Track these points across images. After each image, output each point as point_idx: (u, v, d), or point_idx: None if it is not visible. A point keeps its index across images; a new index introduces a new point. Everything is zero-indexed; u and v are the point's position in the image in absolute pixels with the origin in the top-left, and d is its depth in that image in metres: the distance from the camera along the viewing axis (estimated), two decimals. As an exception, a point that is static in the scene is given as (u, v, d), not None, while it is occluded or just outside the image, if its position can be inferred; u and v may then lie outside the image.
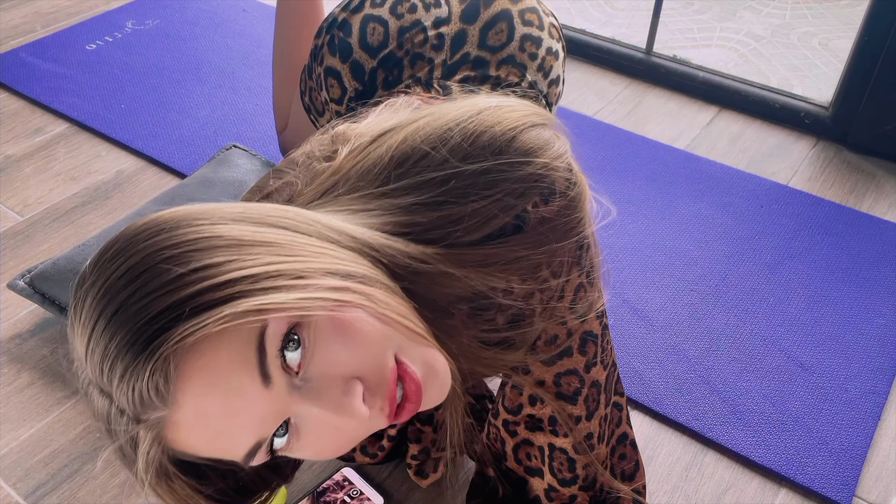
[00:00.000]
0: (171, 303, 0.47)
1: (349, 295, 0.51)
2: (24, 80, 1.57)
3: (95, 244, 1.08)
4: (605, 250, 1.19)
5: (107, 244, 0.52)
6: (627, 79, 1.61)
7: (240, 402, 0.49)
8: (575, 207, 0.61)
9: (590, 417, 0.71)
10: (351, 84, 0.98)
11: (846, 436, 0.94)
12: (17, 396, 0.99)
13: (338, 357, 0.51)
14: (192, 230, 0.51)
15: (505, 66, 0.96)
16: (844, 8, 1.95)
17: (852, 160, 1.39)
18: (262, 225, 0.53)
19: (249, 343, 0.48)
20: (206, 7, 1.82)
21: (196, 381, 0.48)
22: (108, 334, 0.48)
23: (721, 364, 1.03)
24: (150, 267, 0.48)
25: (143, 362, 0.46)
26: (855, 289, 1.13)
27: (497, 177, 0.57)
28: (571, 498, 0.76)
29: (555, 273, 0.62)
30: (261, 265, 0.49)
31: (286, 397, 0.50)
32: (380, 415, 0.53)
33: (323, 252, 0.53)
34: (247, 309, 0.47)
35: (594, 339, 0.68)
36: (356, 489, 0.88)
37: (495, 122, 0.59)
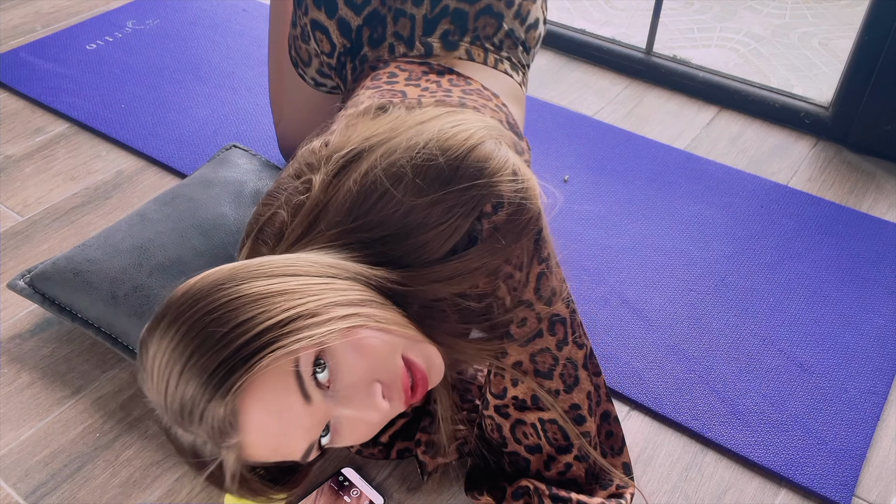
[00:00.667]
0: (224, 357, 0.61)
1: (355, 319, 0.65)
2: (25, 80, 1.57)
3: (95, 244, 1.08)
4: (605, 250, 1.19)
5: (158, 315, 0.65)
6: (627, 79, 1.61)
7: (291, 420, 0.63)
8: (524, 208, 0.70)
9: (569, 390, 0.78)
10: (339, 40, 1.03)
11: (845, 436, 0.94)
12: (17, 396, 0.99)
13: (357, 368, 0.65)
14: (223, 294, 0.63)
15: (483, 16, 1.01)
16: (844, 8, 1.95)
17: (852, 160, 1.39)
18: (275, 276, 0.66)
19: (288, 375, 0.62)
20: (206, 7, 1.82)
21: (255, 411, 0.62)
22: (182, 388, 0.62)
23: (720, 364, 1.03)
24: (198, 332, 0.62)
25: (215, 405, 0.61)
26: (855, 289, 1.13)
27: (448, 205, 0.69)
28: (567, 466, 0.80)
29: (517, 266, 0.72)
30: (282, 312, 0.62)
31: (324, 407, 0.65)
32: (398, 403, 0.68)
33: (328, 288, 0.66)
34: (282, 354, 0.61)
35: (562, 321, 0.76)
36: (356, 489, 0.88)
37: (441, 152, 0.69)
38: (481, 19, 1.00)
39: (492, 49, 1.01)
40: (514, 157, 0.72)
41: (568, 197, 1.29)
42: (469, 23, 1.00)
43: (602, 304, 1.11)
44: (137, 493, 0.90)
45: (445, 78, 0.94)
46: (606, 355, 1.04)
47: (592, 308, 1.10)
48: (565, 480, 0.81)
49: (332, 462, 0.92)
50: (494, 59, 1.00)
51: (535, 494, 0.79)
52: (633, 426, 0.97)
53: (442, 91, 0.90)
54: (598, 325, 1.08)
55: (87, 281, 1.03)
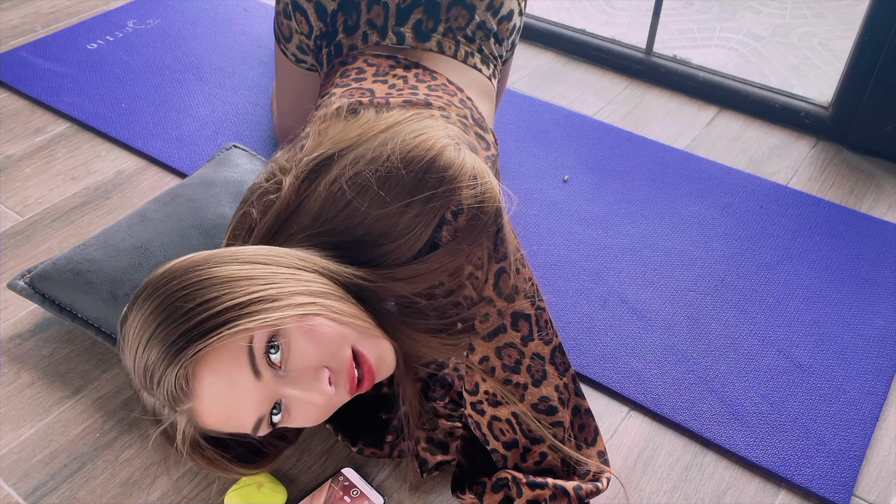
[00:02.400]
0: (184, 329, 0.67)
1: (311, 308, 0.70)
2: (25, 80, 1.57)
3: (95, 244, 1.08)
4: (605, 250, 1.19)
5: (138, 290, 0.72)
6: (627, 79, 1.61)
7: (240, 392, 0.69)
8: (482, 211, 0.74)
9: (537, 384, 0.80)
10: (316, 24, 1.06)
11: (844, 436, 0.95)
12: (17, 396, 1.00)
13: (307, 353, 0.71)
14: (196, 274, 0.70)
15: (455, 7, 1.03)
16: (844, 8, 1.95)
17: (852, 160, 1.39)
18: (246, 263, 0.72)
19: (242, 350, 0.69)
20: (206, 7, 1.82)
21: (207, 380, 0.68)
22: (147, 353, 0.69)
23: (719, 364, 1.03)
24: (168, 305, 0.69)
25: (171, 372, 0.67)
26: (854, 289, 1.13)
27: (410, 215, 0.74)
28: (542, 455, 0.81)
29: (477, 265, 0.76)
30: (244, 294, 0.69)
31: (274, 385, 0.70)
32: (343, 391, 0.73)
33: (292, 278, 0.72)
34: (237, 330, 0.67)
35: (526, 317, 0.79)
36: (356, 489, 0.88)
37: (405, 165, 0.74)
38: (453, 10, 1.02)
39: (463, 41, 1.03)
40: (474, 161, 0.76)
41: (568, 197, 1.29)
42: (441, 13, 1.02)
43: (601, 304, 1.11)
44: (137, 493, 0.90)
45: (412, 73, 0.97)
46: (605, 355, 1.04)
47: (592, 308, 1.10)
48: (541, 470, 0.82)
49: (333, 462, 0.92)
50: (465, 51, 1.03)
51: (513, 484, 0.80)
52: (632, 426, 0.97)
53: (409, 88, 0.93)
54: (597, 325, 1.08)
55: (87, 281, 1.03)
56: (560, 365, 0.82)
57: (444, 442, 0.90)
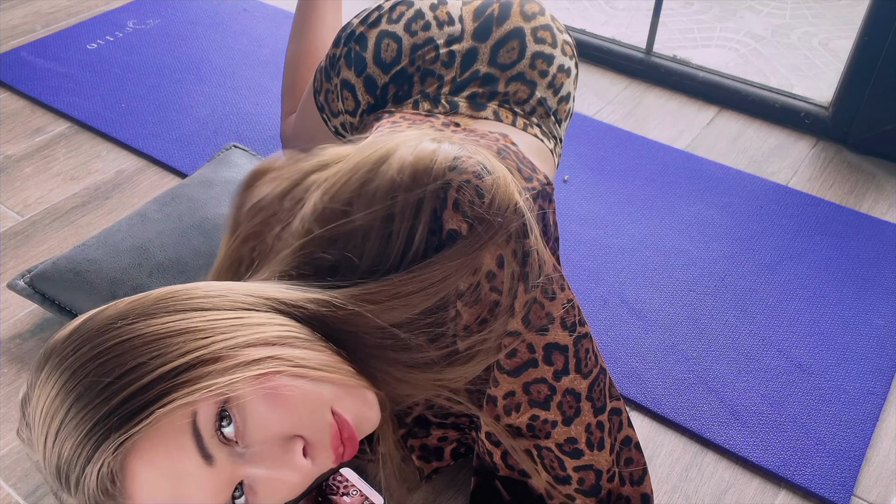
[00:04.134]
0: (102, 413, 0.52)
1: (268, 364, 0.56)
2: (25, 80, 1.57)
3: (95, 244, 1.08)
4: (605, 250, 1.19)
5: (37, 363, 0.57)
6: (627, 79, 1.61)
7: (189, 484, 0.54)
8: (494, 206, 0.62)
9: (567, 423, 0.71)
10: (364, 97, 1.00)
11: (844, 436, 0.95)
12: (17, 396, 0.99)
13: (270, 422, 0.56)
14: (113, 335, 0.55)
15: (514, 82, 0.97)
16: (844, 8, 1.95)
17: (852, 160, 1.39)
18: (178, 312, 0.57)
19: (184, 431, 0.54)
20: (206, 6, 1.83)
21: (142, 477, 0.53)
22: (57, 449, 0.53)
23: (719, 364, 1.03)
24: (79, 382, 0.53)
25: (89, 473, 0.52)
26: (854, 289, 1.13)
27: (394, 210, 0.62)
28: (569, 497, 0.76)
29: (495, 289, 0.64)
30: (179, 356, 0.54)
31: (231, 467, 0.56)
32: (326, 461, 0.59)
33: (240, 324, 0.58)
34: (174, 407, 0.52)
35: (562, 349, 0.68)
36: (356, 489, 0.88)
37: (393, 169, 0.63)
38: (513, 84, 0.96)
39: (521, 114, 0.97)
40: (484, 156, 0.66)
41: (568, 197, 1.29)
42: (499, 87, 0.96)
43: (601, 304, 1.11)
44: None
45: (449, 129, 0.90)
46: (605, 355, 1.04)
47: (592, 308, 1.10)
48: None
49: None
50: (524, 122, 0.96)
51: None
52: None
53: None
54: (597, 325, 1.08)
55: (87, 281, 1.03)
56: (598, 400, 0.72)
57: (438, 447, 0.88)
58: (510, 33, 0.97)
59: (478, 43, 0.98)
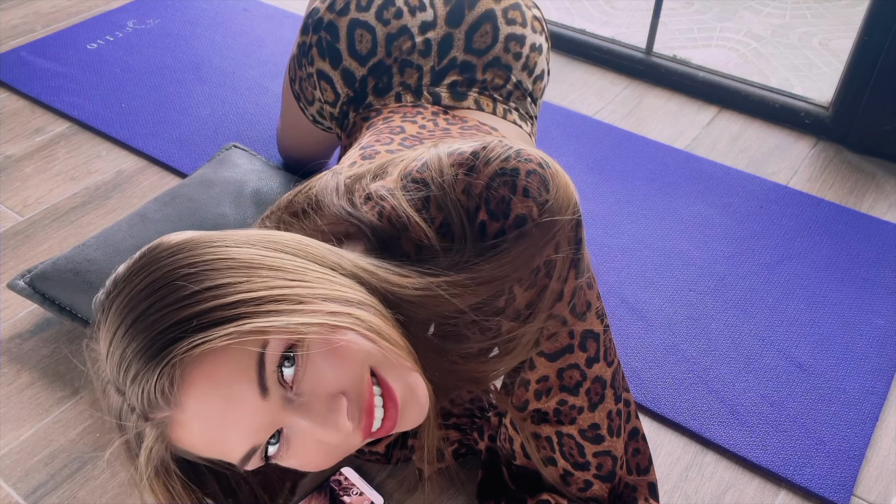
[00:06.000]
0: (182, 316, 0.53)
1: (342, 318, 0.57)
2: (25, 80, 1.57)
3: (95, 244, 1.08)
4: (605, 250, 1.19)
5: (134, 259, 0.58)
6: (627, 79, 1.61)
7: (239, 411, 0.55)
8: (558, 202, 0.63)
9: (592, 409, 0.73)
10: (343, 90, 1.01)
11: (844, 436, 0.95)
12: (17, 396, 1.00)
13: (326, 375, 0.57)
14: (209, 251, 0.56)
15: (491, 68, 0.99)
16: (844, 8, 1.95)
17: (852, 160, 1.39)
18: (272, 249, 0.59)
19: (251, 358, 0.54)
20: (206, 7, 1.83)
21: (200, 388, 0.54)
22: (127, 340, 0.54)
23: (719, 364, 1.03)
24: (167, 283, 0.54)
25: (152, 367, 0.53)
26: (854, 289, 1.13)
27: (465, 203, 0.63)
28: (587, 483, 0.76)
29: (558, 277, 0.65)
30: (266, 288, 0.55)
31: (280, 409, 0.56)
32: (357, 430, 0.58)
33: (323, 278, 0.59)
34: (250, 329, 0.53)
35: (595, 337, 0.70)
36: (356, 489, 0.88)
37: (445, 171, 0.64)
38: (489, 71, 0.99)
39: (500, 99, 0.99)
40: (541, 153, 0.66)
41: (568, 197, 1.29)
42: (477, 74, 0.98)
43: (602, 305, 1.11)
44: (137, 493, 0.90)
45: (440, 118, 0.92)
46: (606, 355, 1.04)
47: (592, 308, 1.10)
48: (586, 498, 0.78)
49: (332, 462, 0.92)
50: (503, 109, 0.99)
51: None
52: (632, 426, 0.97)
53: (440, 130, 0.89)
54: (597, 325, 1.08)
55: (87, 281, 1.03)
56: (618, 388, 0.74)
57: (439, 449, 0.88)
58: (482, 16, 0.98)
59: (452, 29, 0.98)
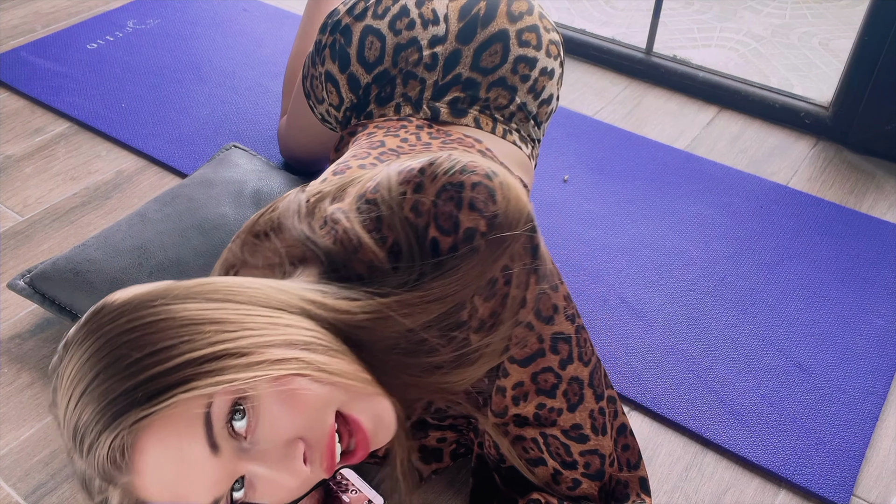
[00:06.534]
0: (127, 387, 0.54)
1: (291, 365, 0.58)
2: (25, 80, 1.57)
3: (95, 244, 1.08)
4: (605, 250, 1.19)
5: (80, 323, 0.59)
6: (627, 79, 1.61)
7: (193, 469, 0.56)
8: (508, 214, 0.64)
9: (572, 409, 0.73)
10: (347, 95, 1.01)
11: (844, 436, 0.95)
12: (17, 396, 1.00)
13: (280, 422, 0.58)
14: (150, 311, 0.57)
15: (495, 88, 0.98)
16: (844, 8, 1.95)
17: (852, 160, 1.39)
18: (213, 301, 0.59)
19: (197, 420, 0.56)
20: (206, 6, 1.83)
21: (151, 454, 0.55)
22: (78, 412, 0.56)
23: (719, 364, 1.03)
24: (110, 352, 0.56)
25: (103, 439, 0.55)
26: (854, 289, 1.13)
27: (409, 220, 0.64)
28: (575, 481, 0.77)
29: (516, 285, 0.66)
30: (208, 345, 0.56)
31: (235, 460, 0.57)
32: (318, 469, 0.60)
33: (268, 323, 0.60)
34: (195, 395, 0.55)
35: (566, 339, 0.71)
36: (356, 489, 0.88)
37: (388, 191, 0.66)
38: (494, 90, 0.98)
39: (501, 119, 0.98)
40: (490, 163, 0.67)
41: (568, 197, 1.29)
42: (480, 92, 0.97)
43: (601, 304, 1.11)
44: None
45: (424, 131, 0.92)
46: (605, 355, 1.04)
47: (592, 308, 1.10)
48: (576, 497, 0.78)
49: (332, 462, 0.92)
50: (503, 129, 0.98)
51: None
52: (632, 426, 0.97)
53: (422, 144, 0.88)
54: (597, 325, 1.08)
55: (87, 281, 1.03)
56: (598, 387, 0.74)
57: (437, 449, 0.88)
58: (494, 36, 0.97)
59: (461, 45, 0.98)
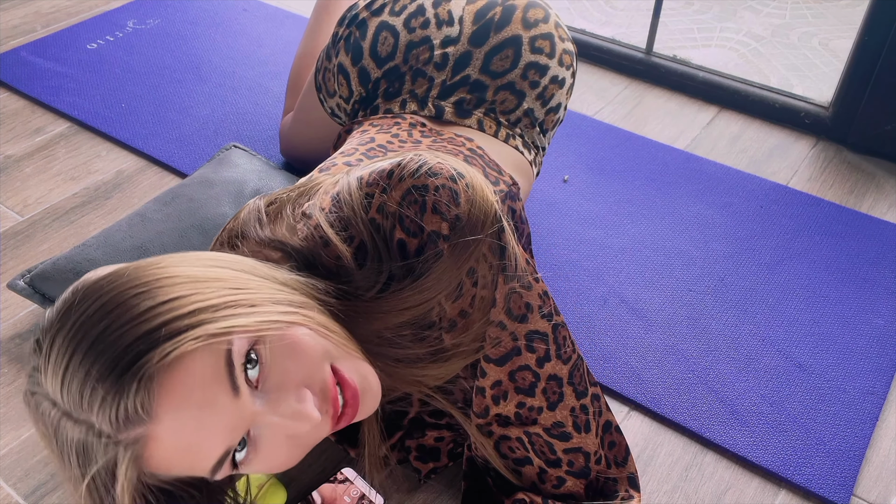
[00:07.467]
0: (146, 330, 0.53)
1: (295, 317, 0.60)
2: (25, 80, 1.57)
3: (95, 244, 1.08)
4: (605, 250, 1.19)
5: (65, 297, 0.58)
6: (627, 79, 1.61)
7: (213, 412, 0.56)
8: (473, 216, 0.65)
9: (552, 408, 0.74)
10: (357, 88, 1.01)
11: (844, 436, 0.95)
12: (17, 396, 1.00)
13: (289, 370, 0.60)
14: (152, 272, 0.57)
15: (503, 91, 0.98)
16: (844, 8, 1.95)
17: (852, 160, 1.39)
18: (210, 266, 0.61)
19: (219, 360, 0.56)
20: (206, 6, 1.83)
21: (175, 396, 0.54)
22: (87, 365, 0.53)
23: (719, 364, 1.03)
24: (120, 303, 0.54)
25: (126, 384, 0.52)
26: (854, 289, 1.13)
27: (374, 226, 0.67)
28: (559, 480, 0.77)
29: (482, 285, 0.67)
30: (218, 297, 0.57)
31: (251, 406, 0.58)
32: (325, 418, 0.62)
33: (266, 286, 0.62)
34: (216, 331, 0.55)
35: (543, 337, 0.71)
36: (356, 489, 0.88)
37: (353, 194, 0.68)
38: (501, 94, 0.98)
39: (505, 124, 0.98)
40: (455, 162, 0.68)
41: (568, 197, 1.29)
42: (487, 94, 0.97)
43: (601, 304, 1.11)
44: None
45: (416, 129, 0.92)
46: (605, 355, 1.04)
47: (591, 308, 1.10)
48: (561, 494, 0.78)
49: (332, 462, 0.92)
50: (506, 133, 0.98)
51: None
52: (632, 426, 0.97)
53: (412, 142, 0.89)
54: (596, 324, 1.08)
55: (87, 281, 1.03)
56: (579, 385, 0.75)
57: (435, 448, 0.88)
58: (507, 41, 0.97)
59: (473, 48, 0.98)
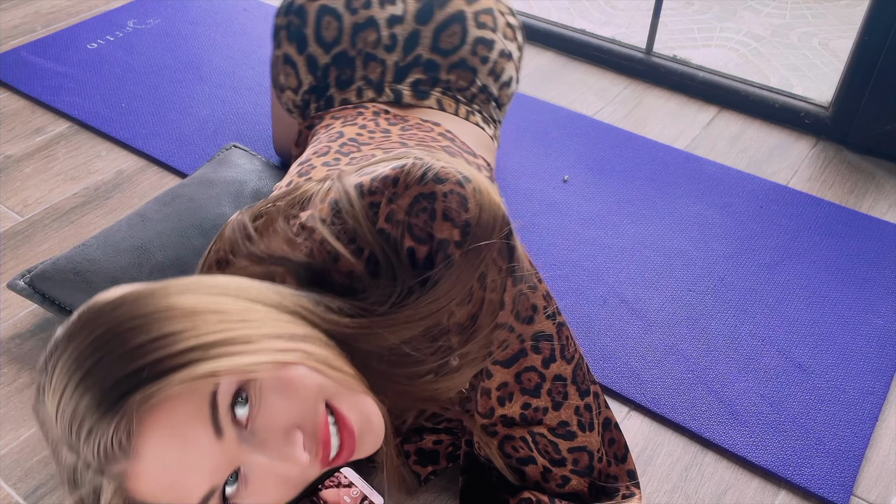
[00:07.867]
0: (133, 369, 0.53)
1: (290, 354, 0.58)
2: (25, 80, 1.57)
3: (95, 244, 1.08)
4: (605, 250, 1.19)
5: (72, 319, 0.58)
6: (627, 79, 1.61)
7: (195, 453, 0.55)
8: (482, 221, 0.64)
9: (557, 407, 0.74)
10: (306, 78, 1.00)
11: (844, 436, 0.95)
12: (17, 396, 1.00)
13: (279, 410, 0.58)
14: (151, 302, 0.57)
15: (455, 70, 0.98)
16: (844, 8, 1.95)
17: (852, 160, 1.39)
18: (213, 294, 0.60)
19: (203, 401, 0.55)
20: (206, 6, 1.83)
21: (156, 435, 0.54)
22: (77, 396, 0.54)
23: (719, 364, 1.03)
24: (114, 336, 0.54)
25: (108, 421, 0.53)
26: (854, 289, 1.13)
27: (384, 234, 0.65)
28: (564, 478, 0.77)
29: (491, 289, 0.66)
30: (213, 332, 0.56)
31: (236, 448, 0.57)
32: (314, 461, 0.60)
33: (267, 317, 0.60)
34: (202, 373, 0.54)
35: (548, 338, 0.71)
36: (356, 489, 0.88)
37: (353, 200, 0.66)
38: (454, 72, 0.98)
39: (464, 101, 0.99)
40: (462, 165, 0.67)
41: (568, 197, 1.29)
42: (441, 74, 0.98)
43: (601, 304, 1.11)
44: None
45: (382, 117, 0.92)
46: (605, 355, 1.04)
47: (591, 308, 1.10)
48: (566, 493, 0.78)
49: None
50: (466, 110, 0.98)
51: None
52: (632, 426, 0.97)
53: (381, 132, 0.88)
54: (596, 325, 1.08)
55: (87, 281, 1.03)
56: (582, 384, 0.75)
57: (433, 451, 0.88)
58: (452, 17, 0.97)
59: (420, 26, 0.98)
